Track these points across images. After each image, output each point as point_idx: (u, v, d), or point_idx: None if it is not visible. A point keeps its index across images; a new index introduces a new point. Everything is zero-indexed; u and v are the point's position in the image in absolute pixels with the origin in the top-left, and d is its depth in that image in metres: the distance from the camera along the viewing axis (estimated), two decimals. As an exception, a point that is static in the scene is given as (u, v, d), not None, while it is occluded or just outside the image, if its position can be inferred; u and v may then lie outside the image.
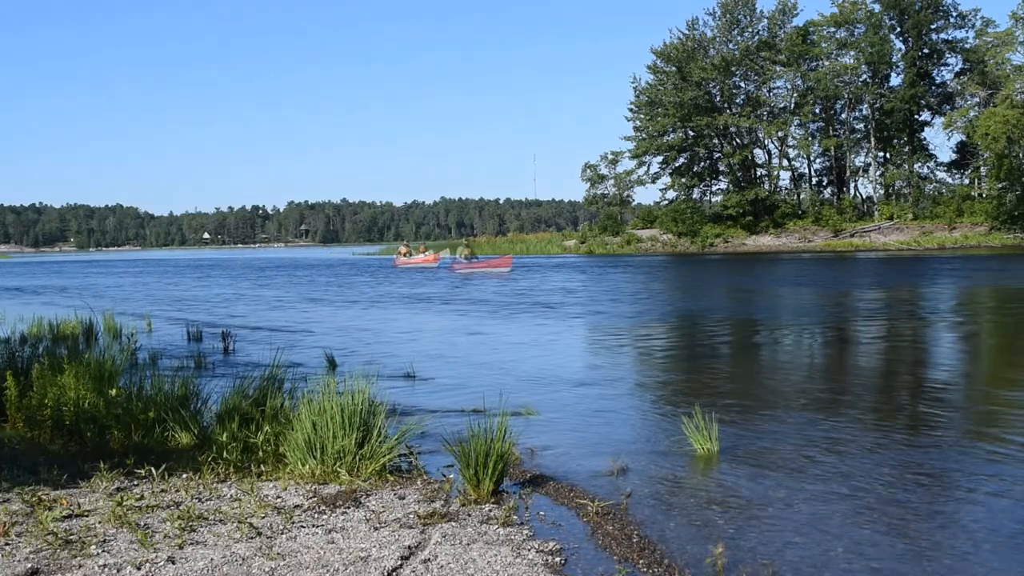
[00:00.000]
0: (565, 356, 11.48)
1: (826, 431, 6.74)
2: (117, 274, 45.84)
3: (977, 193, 56.81)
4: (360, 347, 12.45)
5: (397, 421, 6.47)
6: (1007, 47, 52.36)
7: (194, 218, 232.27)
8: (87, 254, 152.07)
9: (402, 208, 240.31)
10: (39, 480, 5.18)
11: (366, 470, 5.36)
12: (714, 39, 62.41)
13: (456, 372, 10.06)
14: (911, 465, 5.75)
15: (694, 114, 60.89)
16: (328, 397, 5.46)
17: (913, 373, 9.88)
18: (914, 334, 13.31)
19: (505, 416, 5.22)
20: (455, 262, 40.11)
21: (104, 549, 4.08)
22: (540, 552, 4.11)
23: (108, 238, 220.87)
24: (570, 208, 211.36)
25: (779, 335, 13.59)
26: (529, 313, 17.45)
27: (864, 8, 57.65)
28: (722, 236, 60.07)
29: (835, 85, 58.29)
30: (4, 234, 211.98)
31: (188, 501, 4.82)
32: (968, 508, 4.89)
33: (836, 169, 63.45)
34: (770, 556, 4.17)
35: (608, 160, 68.31)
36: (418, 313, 18.33)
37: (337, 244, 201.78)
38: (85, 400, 6.22)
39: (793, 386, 9.08)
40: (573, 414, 7.62)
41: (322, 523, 4.49)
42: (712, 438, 6.09)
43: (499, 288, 25.53)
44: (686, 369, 10.36)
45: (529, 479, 5.50)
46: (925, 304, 17.65)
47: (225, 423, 6.13)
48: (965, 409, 7.67)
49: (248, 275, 40.45)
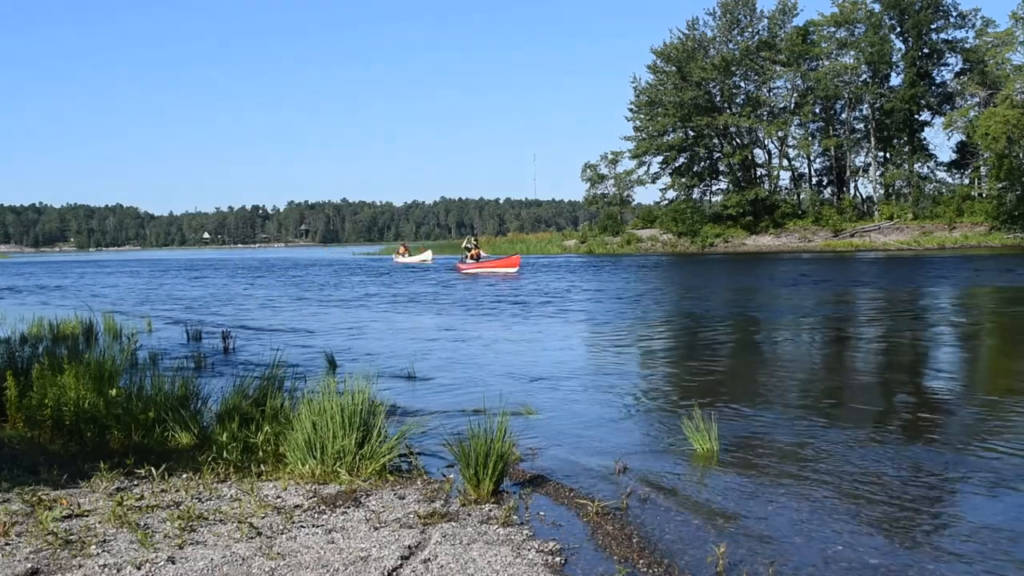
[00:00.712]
0: (565, 356, 11.47)
1: (826, 431, 6.74)
2: (117, 274, 45.84)
3: (977, 193, 56.79)
4: (360, 347, 12.45)
5: (397, 421, 6.48)
6: (1007, 47, 52.33)
7: (194, 218, 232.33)
8: (87, 254, 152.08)
9: (402, 208, 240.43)
10: (39, 480, 5.18)
11: (366, 470, 5.36)
12: (714, 39, 62.42)
13: (456, 372, 10.06)
14: (911, 465, 5.75)
15: (694, 114, 60.90)
16: (328, 397, 5.46)
17: (913, 373, 9.87)
18: (914, 334, 13.31)
19: (505, 416, 5.22)
20: (461, 262, 38.72)
21: (104, 549, 4.08)
22: (540, 552, 4.11)
23: (108, 238, 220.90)
24: (570, 208, 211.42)
25: (779, 335, 13.59)
26: (529, 313, 17.45)
27: (864, 8, 57.63)
28: (722, 236, 60.07)
29: (835, 85, 58.28)
30: (4, 234, 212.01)
31: (188, 501, 4.82)
32: (968, 508, 4.89)
33: (836, 169, 63.45)
34: (770, 556, 4.17)
35: (608, 160, 68.38)
36: (418, 313, 18.33)
37: (337, 244, 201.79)
38: (85, 400, 6.22)
39: (793, 386, 9.08)
40: (573, 414, 7.62)
41: (322, 523, 4.49)
42: (712, 438, 6.09)
43: (499, 288, 25.52)
44: (686, 369, 10.36)
45: (529, 479, 5.50)
46: (925, 304, 17.65)
47: (225, 423, 6.13)
48: (965, 409, 7.67)
49: (248, 275, 40.44)
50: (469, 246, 39.77)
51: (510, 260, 37.04)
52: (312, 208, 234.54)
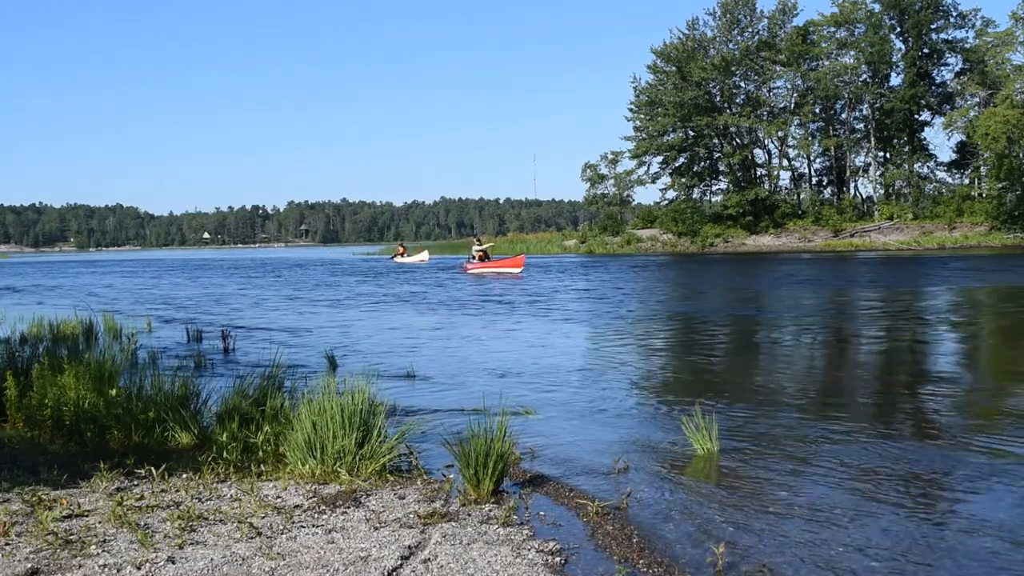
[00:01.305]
0: (565, 356, 11.47)
1: (826, 431, 6.74)
2: (117, 274, 45.83)
3: (977, 193, 56.78)
4: (360, 347, 12.45)
5: (397, 421, 6.48)
6: (1007, 47, 52.31)
7: (194, 218, 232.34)
8: (87, 254, 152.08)
9: (402, 208, 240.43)
10: (39, 480, 5.18)
11: (366, 470, 5.36)
12: (714, 39, 62.39)
13: (456, 372, 10.06)
14: (911, 464, 5.75)
15: (694, 114, 60.87)
16: (328, 397, 5.46)
17: (913, 373, 9.87)
18: (913, 334, 13.31)
19: (505, 416, 5.22)
20: (467, 262, 39.14)
21: (104, 549, 4.08)
22: (540, 552, 4.11)
23: (108, 238, 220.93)
24: (570, 208, 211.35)
25: (779, 335, 13.59)
26: (529, 313, 17.45)
27: (864, 8, 57.62)
28: (722, 236, 60.05)
29: (835, 85, 58.26)
30: (4, 234, 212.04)
31: (188, 501, 4.82)
32: (969, 507, 4.88)
33: (836, 169, 63.44)
34: (770, 556, 4.17)
35: (608, 160, 68.30)
36: (418, 313, 18.32)
37: (337, 244, 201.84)
38: (85, 400, 6.22)
39: (793, 386, 9.07)
40: (573, 414, 7.62)
41: (322, 523, 4.49)
42: (712, 438, 6.09)
43: (500, 288, 25.53)
44: (686, 369, 10.36)
45: (529, 479, 5.50)
46: (925, 304, 17.65)
47: (225, 423, 6.13)
48: (965, 409, 7.67)
49: (248, 275, 40.44)
50: (478, 247, 40.85)
51: (515, 260, 37.57)
52: (312, 208, 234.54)
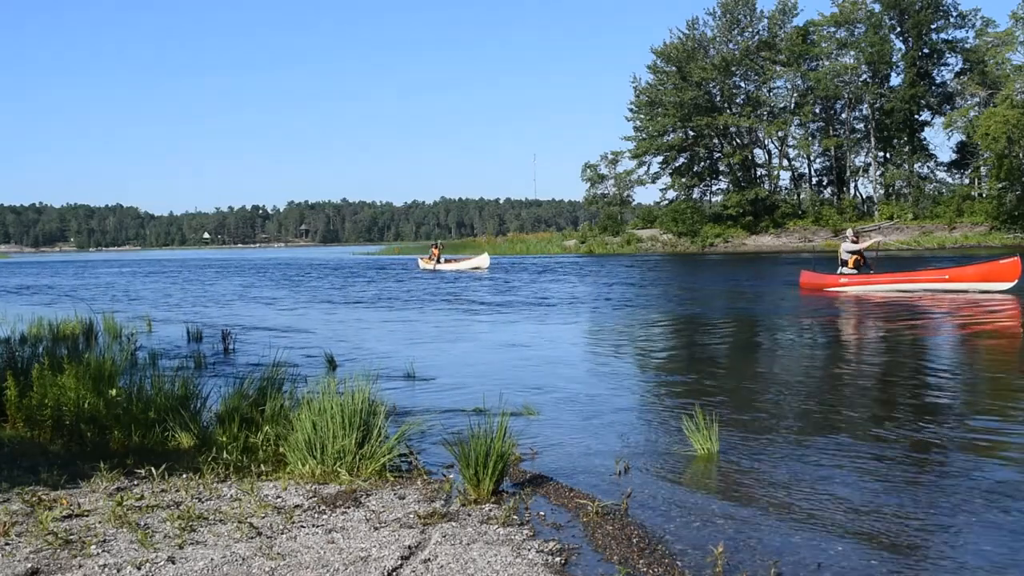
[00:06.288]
0: (565, 356, 11.47)
1: (826, 431, 6.74)
2: (118, 275, 45.82)
3: (977, 193, 56.78)
4: (360, 347, 12.44)
5: (397, 421, 6.48)
6: (1007, 47, 52.30)
7: (194, 218, 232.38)
8: (87, 254, 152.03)
9: (402, 208, 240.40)
10: (39, 480, 5.18)
11: (366, 470, 5.36)
12: (714, 39, 62.45)
13: (456, 372, 10.06)
14: (911, 465, 5.75)
15: (694, 114, 60.89)
16: (328, 397, 5.46)
17: (913, 373, 9.86)
18: (914, 334, 13.31)
19: (505, 416, 5.22)
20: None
21: (104, 549, 4.08)
22: (540, 552, 4.11)
23: (108, 238, 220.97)
24: (570, 208, 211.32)
25: (780, 335, 13.59)
26: (529, 313, 17.45)
27: (864, 8, 57.65)
28: (722, 236, 60.06)
29: (835, 85, 58.28)
30: (4, 234, 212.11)
31: (188, 501, 4.82)
32: (969, 508, 4.88)
33: (836, 169, 63.45)
34: (770, 556, 4.17)
35: (608, 160, 68.34)
36: (418, 313, 18.32)
37: (337, 244, 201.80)
38: (85, 400, 6.22)
39: (794, 386, 9.07)
40: (573, 414, 7.62)
41: (322, 523, 4.49)
42: (712, 438, 6.09)
43: (499, 288, 25.52)
44: (686, 369, 10.36)
45: (529, 479, 5.49)
46: (924, 304, 17.64)
47: (225, 423, 6.13)
48: (966, 410, 7.67)
49: (248, 275, 40.43)
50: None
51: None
52: (312, 208, 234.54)
